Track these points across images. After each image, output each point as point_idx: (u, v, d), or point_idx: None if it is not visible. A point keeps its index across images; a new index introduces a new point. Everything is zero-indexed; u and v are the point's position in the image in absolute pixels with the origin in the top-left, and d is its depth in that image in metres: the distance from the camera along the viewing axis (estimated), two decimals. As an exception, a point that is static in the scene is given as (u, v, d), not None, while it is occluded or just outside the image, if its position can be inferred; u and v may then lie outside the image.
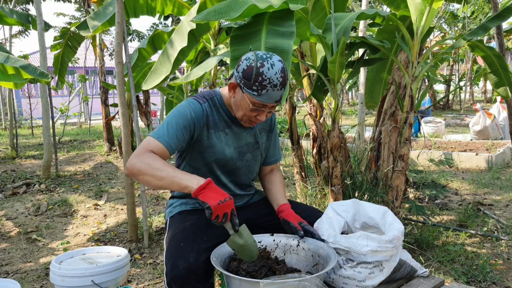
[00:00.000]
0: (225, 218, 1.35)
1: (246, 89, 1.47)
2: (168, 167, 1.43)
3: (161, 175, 1.40)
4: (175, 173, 1.42)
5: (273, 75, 1.43)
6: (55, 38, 5.98)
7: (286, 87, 1.50)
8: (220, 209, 1.33)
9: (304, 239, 1.56)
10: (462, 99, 16.60)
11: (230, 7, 2.12)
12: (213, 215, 1.32)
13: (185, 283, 1.42)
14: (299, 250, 1.57)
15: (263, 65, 1.43)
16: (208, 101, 1.62)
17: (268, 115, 1.57)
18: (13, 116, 7.65)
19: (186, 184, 1.38)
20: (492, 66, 3.12)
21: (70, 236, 3.48)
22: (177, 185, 1.40)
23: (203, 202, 1.34)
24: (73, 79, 19.33)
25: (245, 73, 1.46)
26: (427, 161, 5.53)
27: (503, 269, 2.56)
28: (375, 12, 2.59)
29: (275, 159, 1.88)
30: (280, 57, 1.52)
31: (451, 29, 13.87)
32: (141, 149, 1.48)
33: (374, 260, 1.44)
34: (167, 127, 1.53)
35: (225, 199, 1.35)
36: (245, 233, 1.43)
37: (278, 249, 1.60)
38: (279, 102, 1.52)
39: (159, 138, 1.50)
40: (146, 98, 7.55)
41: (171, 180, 1.40)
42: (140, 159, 1.44)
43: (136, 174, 1.44)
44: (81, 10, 13.09)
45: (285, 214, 1.65)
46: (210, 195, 1.35)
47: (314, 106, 3.17)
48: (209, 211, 1.32)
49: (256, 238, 1.58)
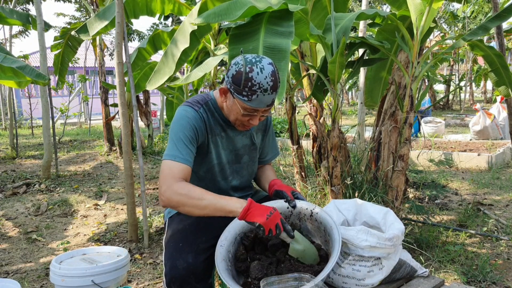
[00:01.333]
0: (278, 229, 1.36)
1: (237, 94, 1.45)
2: (207, 194, 1.43)
3: (203, 205, 1.41)
4: (216, 199, 1.42)
5: (262, 79, 1.41)
6: (55, 38, 5.98)
7: (278, 90, 1.47)
8: (270, 223, 1.35)
9: (315, 209, 1.55)
10: (462, 99, 16.59)
11: (230, 9, 2.12)
12: (266, 231, 1.35)
13: (184, 283, 1.42)
14: (312, 220, 1.57)
15: (252, 69, 1.41)
16: (202, 106, 1.61)
17: (262, 118, 1.56)
18: (13, 116, 7.64)
19: (230, 209, 1.40)
20: (493, 65, 3.12)
21: (70, 236, 3.48)
22: (220, 211, 1.41)
23: (253, 222, 1.36)
24: (73, 79, 19.34)
25: (234, 78, 1.44)
26: (427, 161, 5.53)
27: (503, 269, 2.56)
28: (375, 12, 2.59)
29: (268, 158, 1.88)
30: (278, 56, 1.51)
31: (451, 29, 13.86)
32: (168, 178, 1.46)
33: (371, 255, 1.44)
34: (176, 144, 1.52)
35: (271, 212, 1.37)
36: (300, 238, 1.45)
37: (293, 216, 1.61)
38: (271, 106, 1.50)
39: (176, 159, 1.49)
40: (146, 98, 7.55)
41: (214, 208, 1.41)
42: (175, 191, 1.43)
43: (175, 207, 1.45)
44: (81, 10, 13.09)
45: (278, 186, 1.68)
46: (255, 213, 1.36)
47: (314, 106, 3.17)
48: (261, 228, 1.34)
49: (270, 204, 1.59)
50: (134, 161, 6.03)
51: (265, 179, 1.82)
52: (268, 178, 1.80)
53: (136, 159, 6.20)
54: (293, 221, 1.61)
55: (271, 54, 2.03)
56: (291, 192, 1.63)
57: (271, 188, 1.71)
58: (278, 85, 1.47)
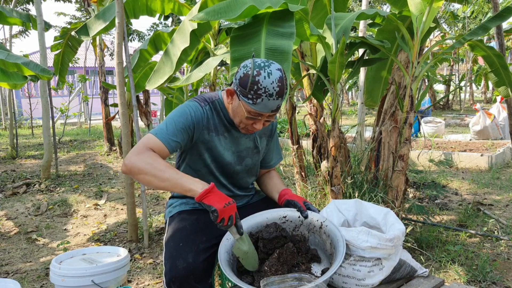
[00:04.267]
0: (230, 221, 1.36)
1: (242, 97, 1.45)
2: (171, 168, 1.42)
3: (164, 177, 1.40)
4: (178, 175, 1.41)
5: (269, 84, 1.41)
6: (56, 38, 5.98)
7: (284, 96, 1.46)
8: (225, 212, 1.34)
9: (325, 222, 1.54)
10: (462, 99, 16.59)
11: (230, 7, 2.12)
12: (219, 218, 1.33)
13: (184, 283, 1.42)
14: (321, 233, 1.56)
15: (259, 73, 1.41)
16: (209, 104, 1.61)
17: (266, 124, 1.55)
18: (13, 116, 7.64)
19: (190, 187, 1.38)
20: (493, 65, 3.12)
21: (70, 236, 3.48)
22: (180, 187, 1.40)
23: (209, 205, 1.34)
24: (73, 79, 19.33)
25: (241, 80, 1.44)
26: (427, 161, 5.53)
27: (503, 269, 2.56)
28: (375, 12, 2.59)
29: (272, 163, 1.88)
30: (281, 58, 1.51)
31: (451, 29, 13.86)
32: (140, 146, 1.46)
33: (372, 256, 1.44)
34: (166, 125, 1.52)
35: (229, 202, 1.36)
36: (247, 241, 1.44)
37: (303, 226, 1.60)
38: (276, 112, 1.49)
39: (158, 135, 1.49)
40: (146, 98, 7.55)
41: (174, 182, 1.40)
42: (141, 158, 1.42)
43: (135, 173, 1.43)
44: (81, 10, 13.09)
45: (289, 196, 1.66)
46: (215, 199, 1.35)
47: (314, 106, 3.17)
48: (215, 214, 1.33)
49: (281, 212, 1.59)
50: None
51: (273, 187, 1.79)
52: (277, 186, 1.78)
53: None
54: (302, 231, 1.60)
55: (273, 56, 2.02)
56: (303, 202, 1.63)
57: (281, 197, 1.69)
58: (285, 92, 1.46)
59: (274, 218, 1.61)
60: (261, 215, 1.62)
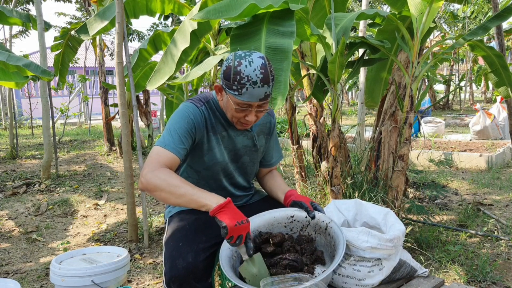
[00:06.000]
0: (239, 241, 1.34)
1: (228, 90, 1.45)
2: (186, 184, 1.42)
3: (180, 193, 1.40)
4: (194, 190, 1.41)
5: (251, 72, 1.40)
6: (56, 38, 5.97)
7: (270, 83, 1.44)
8: (236, 230, 1.32)
9: (331, 224, 1.53)
10: (462, 99, 16.59)
11: (230, 6, 2.11)
12: (228, 235, 1.32)
13: (184, 283, 1.42)
14: (326, 234, 1.55)
15: (240, 63, 1.41)
16: (204, 104, 1.61)
17: (259, 115, 1.53)
18: (13, 116, 7.64)
19: (205, 202, 1.37)
20: (493, 65, 3.12)
21: (70, 236, 3.48)
22: (195, 203, 1.39)
23: (220, 221, 1.33)
24: (73, 79, 19.33)
25: (225, 73, 1.44)
26: (427, 161, 5.52)
27: (503, 269, 2.56)
28: (375, 12, 2.59)
29: (273, 161, 1.87)
30: (281, 57, 1.50)
31: (451, 29, 13.86)
32: (153, 162, 1.46)
33: (372, 256, 1.44)
34: (171, 134, 1.51)
35: (242, 221, 1.34)
36: (258, 261, 1.40)
37: (310, 227, 1.60)
38: (264, 100, 1.46)
39: (166, 147, 1.49)
40: (146, 98, 7.55)
41: (189, 198, 1.39)
42: (156, 175, 1.42)
43: (151, 190, 1.43)
44: (82, 10, 13.09)
45: (295, 197, 1.65)
46: (228, 215, 1.34)
47: (314, 106, 3.17)
48: (225, 230, 1.32)
49: (289, 212, 1.58)
50: (134, 161, 6.02)
51: (277, 188, 1.78)
52: (281, 187, 1.77)
53: (136, 159, 6.19)
54: (309, 232, 1.60)
55: (273, 54, 2.02)
56: (310, 203, 1.62)
57: (287, 198, 1.68)
58: (270, 79, 1.44)
59: (282, 217, 1.62)
60: (269, 213, 1.62)
